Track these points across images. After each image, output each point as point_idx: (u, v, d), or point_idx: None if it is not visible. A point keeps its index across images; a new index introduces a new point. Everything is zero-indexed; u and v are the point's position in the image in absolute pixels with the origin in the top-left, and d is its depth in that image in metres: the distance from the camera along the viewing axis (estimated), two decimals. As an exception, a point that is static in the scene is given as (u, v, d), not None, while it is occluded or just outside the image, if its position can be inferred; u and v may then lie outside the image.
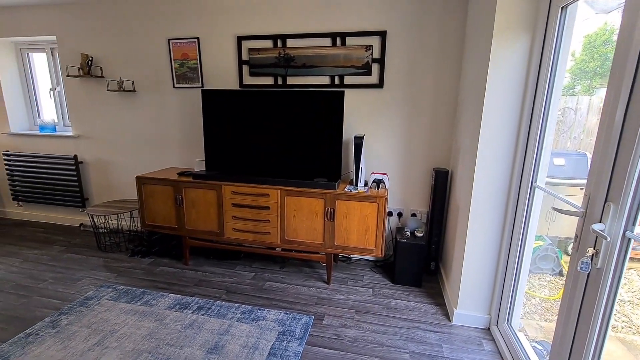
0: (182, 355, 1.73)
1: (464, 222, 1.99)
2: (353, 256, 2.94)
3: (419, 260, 2.42)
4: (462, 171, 2.15)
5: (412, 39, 2.47)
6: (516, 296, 1.82)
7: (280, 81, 2.75)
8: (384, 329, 1.99)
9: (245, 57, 2.78)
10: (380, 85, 2.57)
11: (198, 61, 2.89)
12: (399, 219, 2.80)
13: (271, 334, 1.90)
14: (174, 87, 3.01)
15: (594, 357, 1.09)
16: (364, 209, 2.29)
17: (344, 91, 2.35)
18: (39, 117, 3.68)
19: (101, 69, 3.14)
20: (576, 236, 1.17)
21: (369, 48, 2.53)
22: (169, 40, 2.91)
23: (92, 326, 1.94)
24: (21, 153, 3.52)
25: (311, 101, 2.41)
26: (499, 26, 1.63)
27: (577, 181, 2.27)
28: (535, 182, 1.65)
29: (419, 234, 2.50)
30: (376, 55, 2.54)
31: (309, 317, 2.07)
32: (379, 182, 2.43)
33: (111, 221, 3.44)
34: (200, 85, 2.94)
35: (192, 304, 2.18)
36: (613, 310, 1.04)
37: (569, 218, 1.21)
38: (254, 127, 2.56)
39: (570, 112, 1.99)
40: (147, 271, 2.65)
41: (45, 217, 3.74)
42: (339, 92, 2.35)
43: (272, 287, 2.43)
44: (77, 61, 3.15)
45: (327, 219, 2.35)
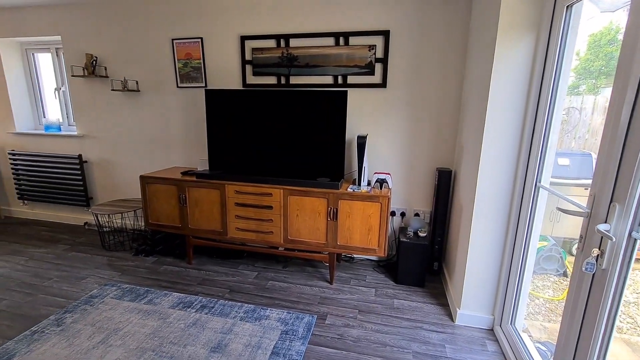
0: (185, 354, 1.74)
1: (467, 222, 1.98)
2: (356, 256, 2.94)
3: (422, 260, 2.42)
4: (465, 171, 2.15)
5: (415, 38, 2.46)
6: (520, 297, 1.81)
7: (283, 81, 2.76)
8: (386, 329, 1.99)
9: (248, 56, 2.78)
10: (383, 84, 2.57)
11: (201, 61, 2.90)
12: (402, 218, 2.80)
13: (274, 333, 1.91)
14: (178, 87, 3.02)
15: (598, 359, 1.08)
16: (367, 208, 2.28)
17: (347, 91, 2.35)
18: (44, 117, 3.71)
19: (105, 68, 3.16)
20: (581, 236, 1.16)
21: (372, 47, 2.52)
22: (172, 40, 2.92)
23: (97, 324, 1.96)
24: (26, 152, 3.55)
25: (314, 101, 2.42)
26: (503, 25, 1.62)
27: (582, 181, 2.26)
28: (540, 182, 1.64)
29: (422, 234, 2.49)
30: (379, 54, 2.53)
31: (312, 317, 2.08)
32: (382, 182, 2.42)
33: (115, 220, 3.46)
34: (203, 85, 2.95)
35: (195, 303, 2.19)
36: (618, 312, 1.03)
37: (574, 218, 1.21)
38: (257, 127, 2.57)
39: (574, 111, 1.98)
40: (150, 270, 2.66)
41: (50, 216, 3.77)
42: (342, 91, 2.35)
43: (274, 287, 2.44)
44: (82, 61, 3.17)
45: (330, 218, 2.35)
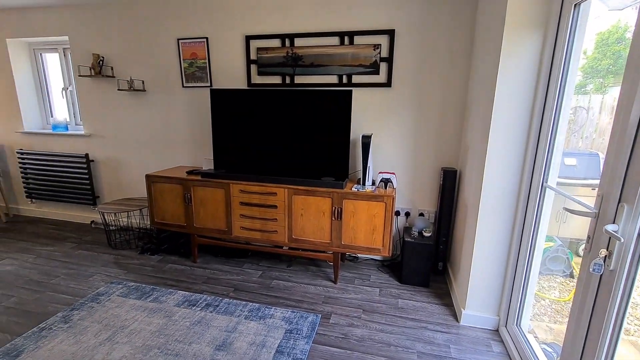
0: (190, 352, 1.75)
1: (472, 222, 1.97)
2: (360, 255, 2.94)
3: (426, 260, 2.41)
4: (471, 171, 2.13)
5: (420, 37, 2.45)
6: (526, 297, 1.80)
7: (288, 80, 2.76)
8: (391, 329, 1.99)
9: (253, 56, 2.79)
10: (388, 84, 2.56)
11: (207, 61, 2.91)
12: (407, 218, 2.79)
13: (278, 332, 1.91)
14: (183, 87, 3.04)
15: (606, 360, 1.07)
16: (372, 208, 2.28)
17: (351, 90, 2.35)
18: (52, 116, 3.75)
19: (112, 68, 3.19)
20: (588, 237, 1.15)
21: (377, 47, 2.52)
22: (178, 40, 2.94)
23: (103, 321, 1.98)
24: (34, 151, 3.60)
25: (319, 100, 2.42)
26: (510, 24, 1.61)
27: (589, 181, 2.23)
28: (546, 182, 1.63)
29: (426, 234, 2.49)
30: (384, 54, 2.53)
31: (316, 316, 2.08)
32: (386, 182, 2.42)
33: (121, 219, 3.49)
34: (209, 84, 2.96)
35: (200, 301, 2.20)
36: (626, 313, 1.02)
37: (580, 219, 1.20)
38: (262, 126, 2.57)
39: (582, 111, 1.96)
40: (156, 268, 2.68)
41: (57, 214, 3.81)
42: (347, 91, 2.35)
43: (279, 286, 2.45)
44: (89, 61, 3.20)
45: (335, 218, 2.35)
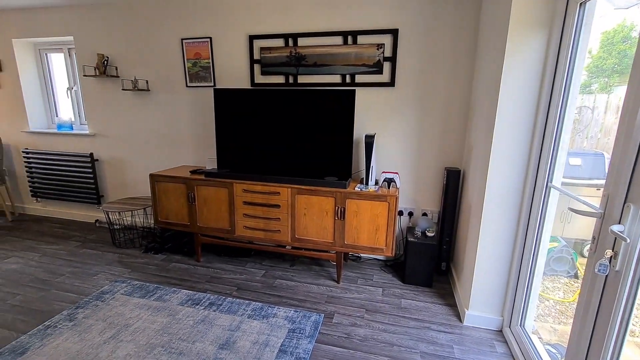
0: (194, 350, 1.76)
1: (476, 223, 1.97)
2: (363, 255, 2.94)
3: (429, 260, 2.41)
4: (474, 170, 2.13)
5: (424, 36, 2.45)
6: (530, 298, 1.79)
7: (291, 80, 2.76)
8: (394, 329, 1.99)
9: (256, 56, 2.80)
10: (391, 83, 2.56)
11: (210, 60, 2.92)
12: (410, 218, 2.78)
13: (281, 331, 1.92)
14: (187, 87, 3.05)
15: (611, 362, 1.07)
16: (375, 208, 2.28)
17: (355, 90, 2.35)
18: (57, 116, 3.78)
19: (116, 68, 3.21)
20: (594, 237, 1.15)
21: (380, 46, 2.51)
22: (182, 40, 2.95)
23: (108, 320, 1.99)
24: (39, 151, 3.63)
25: (322, 100, 2.42)
26: (514, 23, 1.60)
27: (594, 181, 2.22)
28: (551, 182, 1.62)
29: (430, 234, 2.48)
30: (388, 53, 2.52)
31: (319, 315, 2.08)
32: (389, 181, 2.42)
33: (125, 218, 3.51)
34: (212, 84, 2.97)
35: (203, 300, 2.21)
36: (632, 314, 1.02)
37: (585, 219, 1.19)
38: (265, 126, 2.58)
39: (587, 110, 1.95)
40: (160, 267, 2.70)
41: (62, 213, 3.84)
42: (350, 90, 2.35)
43: (282, 285, 2.45)
44: (94, 61, 3.22)
45: (338, 217, 2.35)
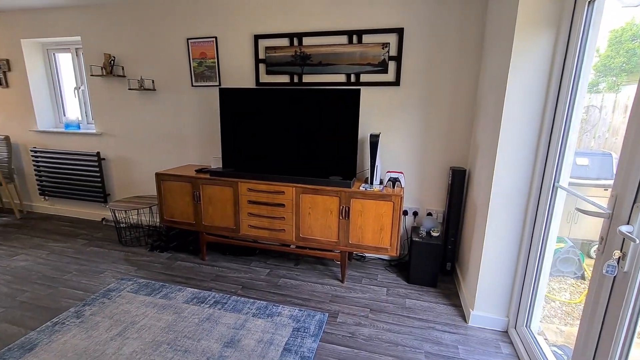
0: (199, 348, 1.77)
1: (482, 223, 1.96)
2: (367, 255, 2.93)
3: (434, 260, 2.40)
4: (480, 170, 2.12)
5: (430, 35, 2.43)
6: (536, 299, 1.78)
7: (296, 79, 2.77)
8: (398, 329, 1.99)
9: (261, 55, 2.80)
10: (396, 83, 2.55)
11: (216, 60, 2.93)
12: (415, 218, 2.78)
13: (286, 330, 1.93)
14: (192, 86, 3.07)
15: (618, 364, 1.06)
16: (379, 207, 2.28)
17: (359, 89, 2.34)
18: (64, 115, 3.83)
19: (123, 68, 3.24)
20: (601, 238, 1.13)
21: (385, 45, 2.50)
22: (187, 39, 2.97)
23: (114, 317, 2.02)
24: (47, 150, 3.67)
25: (327, 99, 2.42)
26: (521, 22, 1.59)
27: (601, 182, 2.19)
28: (558, 182, 1.61)
29: (434, 234, 2.47)
30: (393, 52, 2.52)
31: (323, 315, 2.09)
32: (394, 181, 2.41)
33: (132, 216, 3.54)
34: (217, 83, 2.98)
35: (208, 298, 2.22)
36: (640, 316, 1.01)
37: (592, 220, 1.18)
38: (270, 125, 2.58)
39: (594, 110, 1.92)
40: (165, 265, 2.72)
41: (69, 212, 3.89)
42: (355, 90, 2.34)
43: (286, 284, 2.46)
44: (101, 61, 3.26)
45: (342, 217, 2.35)
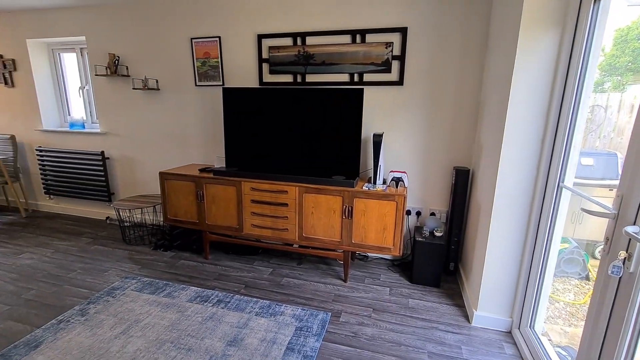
0: (202, 347, 1.78)
1: (485, 223, 1.95)
2: (370, 254, 2.93)
3: (437, 260, 2.39)
4: (484, 170, 2.11)
5: (434, 35, 2.42)
6: (540, 299, 1.77)
7: (299, 79, 2.77)
8: (401, 328, 1.98)
9: (265, 55, 2.81)
10: (400, 82, 2.54)
11: (219, 60, 2.94)
12: (418, 218, 2.77)
13: (289, 329, 1.93)
14: (196, 86, 3.08)
15: (624, 365, 1.05)
16: (382, 207, 2.27)
17: (363, 88, 2.34)
18: (69, 115, 3.85)
19: (127, 68, 3.25)
20: (607, 238, 1.13)
21: (389, 45, 2.50)
22: (191, 39, 2.97)
23: (118, 315, 2.03)
24: (52, 149, 3.70)
25: (330, 99, 2.42)
26: (526, 21, 1.58)
27: (607, 182, 2.18)
28: (563, 182, 1.60)
29: (438, 234, 2.47)
30: (396, 52, 2.51)
31: (326, 314, 2.09)
32: (397, 181, 2.41)
33: (135, 215, 3.56)
34: (221, 83, 2.99)
35: (212, 297, 2.23)
36: (646, 317, 1.00)
37: (597, 220, 1.17)
38: (273, 125, 2.59)
39: (599, 109, 1.91)
40: (169, 264, 2.73)
41: (74, 210, 3.92)
42: (358, 89, 2.34)
43: (289, 283, 2.46)
44: (105, 61, 3.27)
45: (345, 216, 2.35)
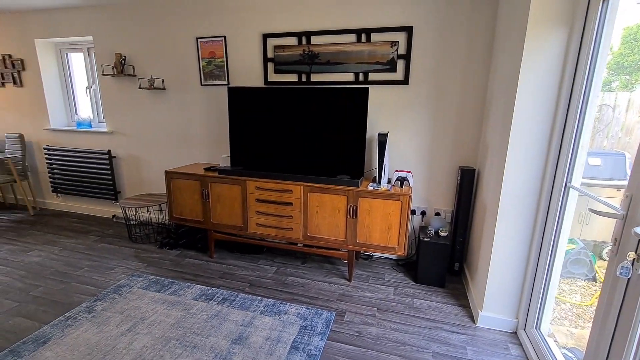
0: (207, 345, 1.79)
1: (491, 223, 1.94)
2: (374, 254, 2.93)
3: (442, 260, 2.38)
4: (490, 170, 2.09)
5: (439, 34, 2.41)
6: (546, 300, 1.75)
7: (304, 78, 2.77)
8: (406, 328, 1.98)
9: (270, 54, 2.81)
10: (405, 81, 2.54)
11: (224, 59, 2.95)
12: (423, 217, 2.76)
13: (293, 328, 1.94)
14: (202, 85, 3.09)
15: (632, 367, 1.04)
16: (387, 206, 2.27)
17: (368, 88, 2.34)
18: (76, 114, 3.90)
19: (133, 67, 3.28)
20: (615, 239, 1.12)
21: (394, 44, 2.49)
22: (197, 39, 2.99)
23: (125, 312, 2.05)
24: (60, 148, 3.74)
25: (335, 98, 2.42)
26: (533, 20, 1.57)
27: (614, 182, 2.15)
28: (570, 182, 1.58)
29: (443, 234, 2.46)
30: (402, 51, 2.50)
31: (331, 313, 2.09)
32: (402, 180, 2.40)
33: (141, 213, 3.59)
34: (226, 82, 3.00)
35: (217, 295, 2.25)
36: (655, 319, 0.99)
37: (604, 221, 1.16)
38: (278, 124, 2.59)
39: (607, 109, 1.89)
40: (174, 262, 2.75)
41: (81, 208, 3.96)
42: (363, 88, 2.34)
43: (293, 282, 2.47)
44: (112, 60, 3.30)
45: (350, 216, 2.35)
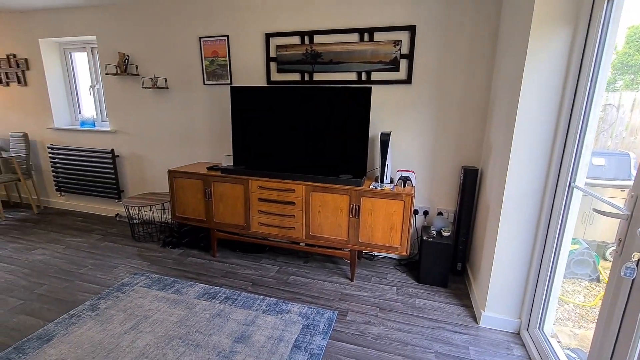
0: (210, 343, 1.80)
1: (494, 223, 1.93)
2: (377, 254, 2.93)
3: (445, 260, 2.38)
4: (493, 170, 2.09)
5: (442, 33, 2.41)
6: (549, 301, 1.75)
7: (307, 77, 2.77)
8: (408, 328, 1.98)
9: (272, 54, 2.81)
10: (408, 81, 2.53)
11: (227, 58, 2.96)
12: (425, 217, 2.76)
13: (295, 327, 1.94)
14: (204, 84, 3.10)
15: (636, 368, 1.03)
16: (390, 206, 2.27)
17: (370, 87, 2.34)
18: (80, 113, 3.91)
19: (137, 67, 3.29)
20: (619, 240, 1.11)
21: (397, 43, 2.49)
22: (200, 38, 3.00)
23: (128, 311, 2.06)
24: (63, 147, 3.76)
25: (338, 97, 2.41)
26: (537, 20, 1.56)
27: (619, 182, 2.14)
28: (574, 182, 1.58)
29: (445, 234, 2.45)
30: (405, 50, 2.50)
31: (333, 312, 2.09)
32: (405, 180, 2.40)
33: (144, 212, 3.60)
34: (229, 82, 3.01)
35: (219, 294, 2.25)
36: (659, 320, 0.98)
37: (608, 221, 1.16)
38: (280, 123, 2.60)
39: (612, 108, 1.88)
40: (177, 261, 2.76)
41: (84, 207, 3.98)
42: (366, 88, 2.34)
43: (296, 282, 2.47)
44: (115, 60, 3.32)
45: (352, 215, 2.35)
